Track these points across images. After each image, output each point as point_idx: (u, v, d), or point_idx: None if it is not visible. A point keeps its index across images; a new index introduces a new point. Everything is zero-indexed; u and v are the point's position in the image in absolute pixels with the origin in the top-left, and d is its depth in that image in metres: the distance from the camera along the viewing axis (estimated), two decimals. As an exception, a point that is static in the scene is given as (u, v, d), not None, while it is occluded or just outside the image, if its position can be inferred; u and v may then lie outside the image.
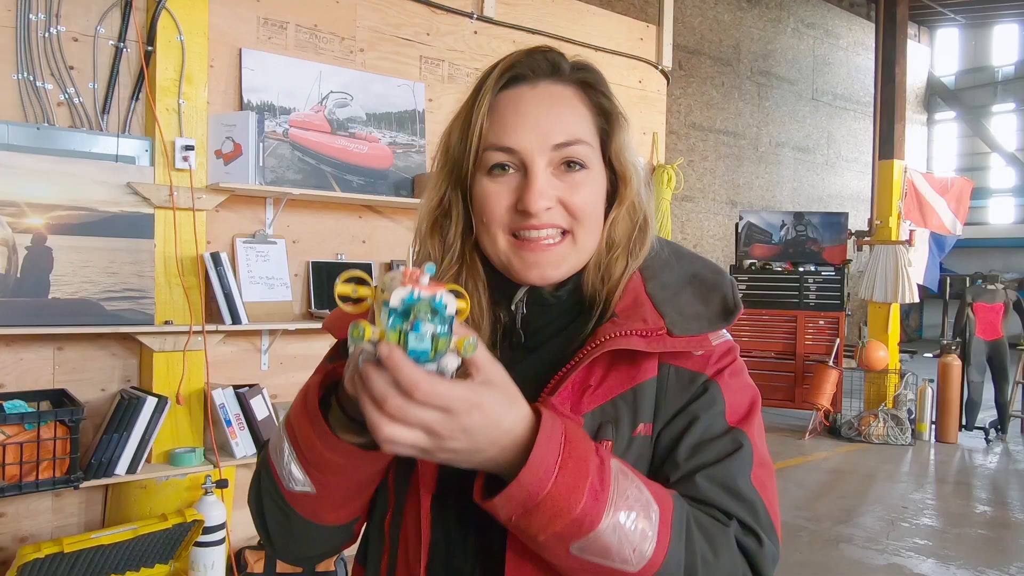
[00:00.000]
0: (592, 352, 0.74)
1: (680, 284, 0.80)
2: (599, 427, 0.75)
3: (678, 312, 0.77)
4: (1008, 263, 14.07)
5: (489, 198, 0.77)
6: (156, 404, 2.61)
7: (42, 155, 2.53)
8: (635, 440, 0.76)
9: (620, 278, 0.80)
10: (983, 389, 6.72)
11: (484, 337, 0.80)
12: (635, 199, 0.82)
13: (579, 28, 4.19)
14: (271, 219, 3.12)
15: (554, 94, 0.79)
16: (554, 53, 0.81)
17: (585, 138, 0.78)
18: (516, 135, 0.76)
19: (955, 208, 7.62)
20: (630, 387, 0.76)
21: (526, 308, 0.80)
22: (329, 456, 0.72)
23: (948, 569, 3.77)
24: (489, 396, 0.61)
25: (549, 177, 0.76)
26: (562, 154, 0.77)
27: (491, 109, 0.78)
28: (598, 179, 0.80)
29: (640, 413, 0.76)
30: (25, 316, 2.47)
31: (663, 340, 0.75)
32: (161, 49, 2.76)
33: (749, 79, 11.36)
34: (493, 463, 0.64)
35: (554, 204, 0.76)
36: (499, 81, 0.78)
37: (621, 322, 0.76)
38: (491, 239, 0.78)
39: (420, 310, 0.57)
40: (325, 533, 0.82)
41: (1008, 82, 16.67)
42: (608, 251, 0.81)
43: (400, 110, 3.47)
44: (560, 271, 0.78)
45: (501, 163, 0.77)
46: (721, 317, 0.79)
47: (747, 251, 7.47)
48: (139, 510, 2.66)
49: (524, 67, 0.79)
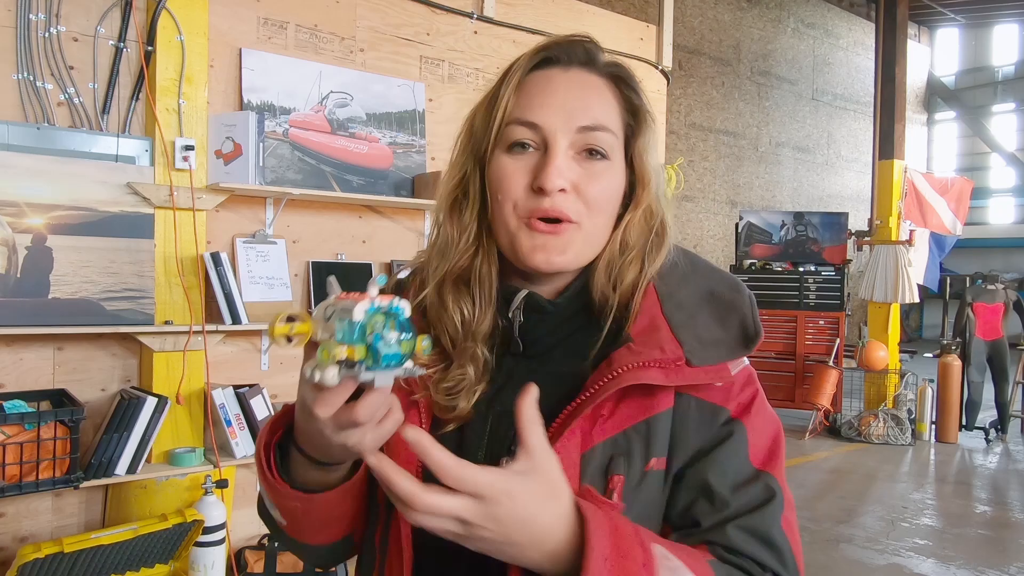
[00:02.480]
0: (609, 386, 0.70)
1: (697, 304, 0.76)
2: (610, 459, 0.71)
3: (696, 339, 0.73)
4: (1008, 263, 14.07)
5: (506, 175, 0.75)
6: (156, 404, 2.61)
7: (42, 155, 2.53)
8: (648, 475, 0.72)
9: (633, 284, 0.77)
10: (983, 389, 6.72)
11: (484, 337, 0.78)
12: (653, 203, 0.79)
13: (579, 28, 4.10)
14: (271, 219, 3.12)
15: (585, 80, 0.77)
16: (592, 44, 0.79)
17: (611, 127, 0.76)
18: (542, 112, 0.74)
19: (955, 208, 7.62)
20: (643, 419, 0.72)
21: (523, 315, 0.77)
22: (292, 504, 0.74)
23: (948, 569, 3.77)
24: (524, 486, 0.59)
25: (569, 160, 0.74)
26: (586, 139, 0.74)
27: (519, 87, 0.76)
28: (617, 174, 0.77)
29: (653, 447, 0.72)
30: (25, 316, 2.47)
31: (681, 372, 0.71)
32: (161, 49, 2.76)
33: (749, 79, 11.36)
34: (534, 564, 0.62)
35: (569, 189, 0.73)
36: (532, 60, 0.77)
37: (638, 350, 0.72)
38: (502, 219, 0.75)
39: (379, 320, 0.59)
40: (316, 551, 0.84)
41: (1008, 82, 16.67)
42: (621, 254, 0.77)
43: (400, 110, 3.47)
44: (565, 258, 0.74)
45: (522, 141, 0.74)
46: (742, 344, 0.75)
47: (747, 251, 7.47)
48: (139, 510, 2.66)
49: (559, 51, 0.78)
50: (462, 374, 0.76)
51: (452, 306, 0.78)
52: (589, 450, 0.71)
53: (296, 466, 0.75)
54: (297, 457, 0.74)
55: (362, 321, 0.58)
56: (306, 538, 0.81)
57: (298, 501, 0.74)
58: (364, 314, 0.58)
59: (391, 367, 0.59)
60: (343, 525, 0.81)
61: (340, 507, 0.77)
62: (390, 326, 0.59)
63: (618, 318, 0.77)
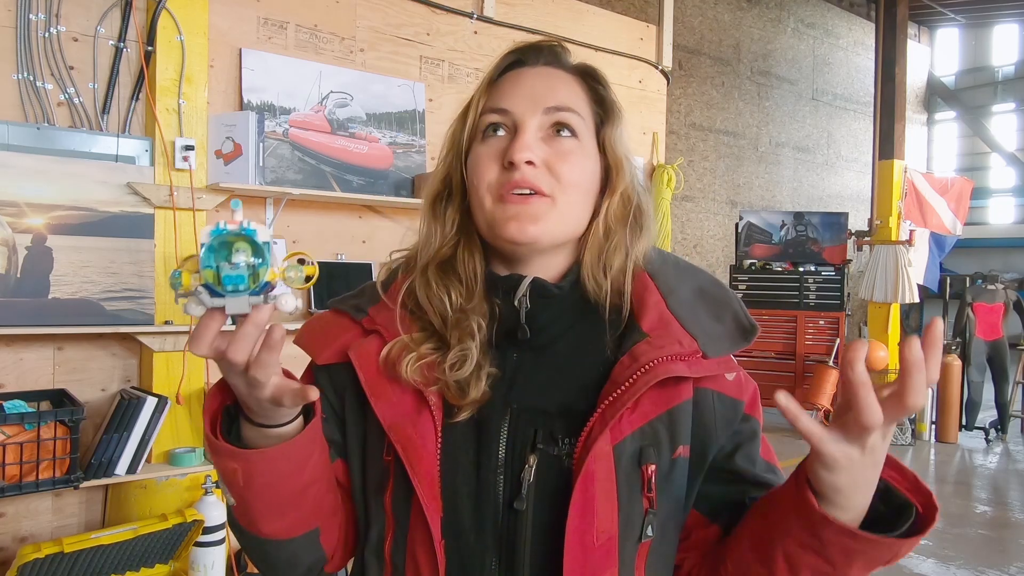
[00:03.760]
0: (644, 379, 0.73)
1: (693, 300, 0.80)
2: (640, 450, 0.74)
3: (704, 332, 0.77)
4: (1008, 263, 14.06)
5: (480, 160, 0.78)
6: (156, 404, 2.61)
7: (42, 155, 2.53)
8: (676, 462, 0.77)
9: (621, 270, 0.79)
10: (983, 389, 6.72)
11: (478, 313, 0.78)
12: (628, 189, 0.81)
13: (579, 28, 4.19)
14: (271, 219, 3.11)
15: (552, 73, 0.81)
16: (559, 47, 0.83)
17: (577, 110, 0.79)
18: (511, 99, 0.78)
19: (955, 208, 7.62)
20: (666, 409, 0.76)
21: (530, 301, 0.78)
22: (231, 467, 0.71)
23: (948, 569, 3.77)
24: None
25: (537, 139, 0.77)
26: (553, 118, 0.78)
27: (491, 85, 0.80)
28: (588, 155, 0.79)
29: (678, 436, 0.76)
30: (25, 316, 2.47)
31: (701, 364, 0.76)
32: (161, 49, 2.76)
33: (749, 79, 11.35)
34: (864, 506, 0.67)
35: (539, 163, 0.76)
36: (502, 63, 0.81)
37: (659, 344, 0.75)
38: (479, 201, 0.78)
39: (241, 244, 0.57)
40: (272, 547, 0.78)
41: (1008, 82, 16.66)
42: (606, 240, 0.80)
43: (400, 110, 3.47)
44: (538, 227, 0.75)
45: (494, 124, 0.78)
46: (741, 337, 0.79)
47: (747, 251, 7.47)
48: (139, 510, 2.66)
49: (527, 54, 0.82)
50: (463, 349, 0.76)
51: (438, 287, 0.79)
52: (620, 442, 0.73)
53: (244, 430, 0.72)
54: (243, 421, 0.72)
55: (208, 243, 0.56)
56: (260, 525, 0.76)
57: (236, 461, 0.70)
58: (208, 236, 0.56)
59: (239, 292, 0.57)
60: (300, 512, 0.77)
61: (286, 475, 0.72)
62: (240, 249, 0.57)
63: (616, 306, 0.79)
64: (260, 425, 0.70)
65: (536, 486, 0.73)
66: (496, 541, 0.73)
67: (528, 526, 0.73)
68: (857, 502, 0.64)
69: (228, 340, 0.62)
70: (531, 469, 0.74)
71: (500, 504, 0.74)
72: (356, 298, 0.85)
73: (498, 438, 0.75)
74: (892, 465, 0.67)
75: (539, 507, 0.73)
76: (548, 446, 0.74)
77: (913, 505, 0.66)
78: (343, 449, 0.83)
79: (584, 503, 0.71)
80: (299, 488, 0.75)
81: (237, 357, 0.62)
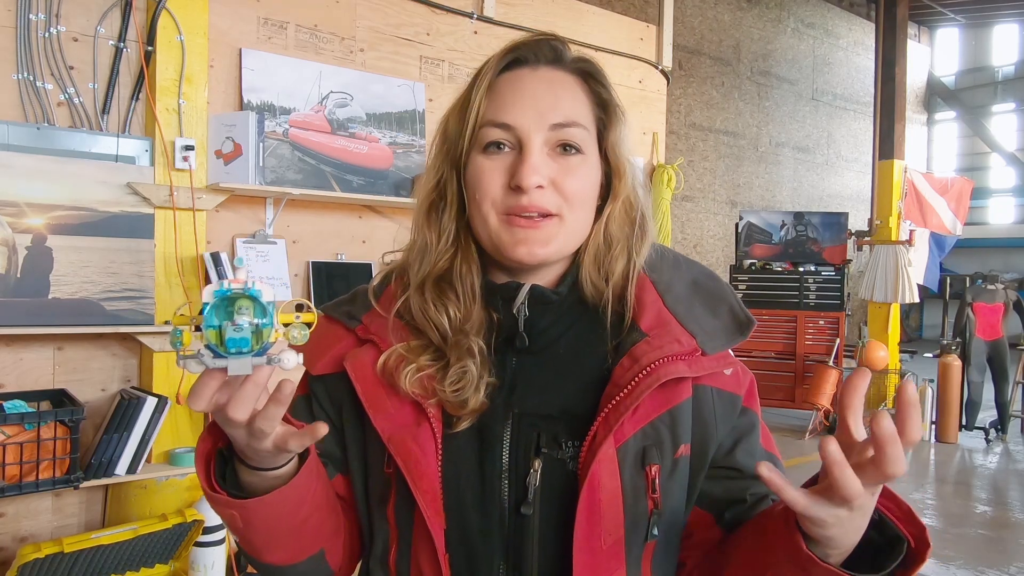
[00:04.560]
0: (646, 382, 0.72)
1: (689, 296, 0.79)
2: (644, 450, 0.74)
3: (702, 330, 0.77)
4: (1008, 263, 14.06)
5: (483, 175, 0.75)
6: (156, 404, 2.61)
7: (42, 155, 2.53)
8: (678, 462, 0.76)
9: (624, 276, 0.79)
10: (983, 389, 6.71)
11: (477, 330, 0.77)
12: (630, 194, 0.80)
13: (579, 28, 4.19)
14: (271, 219, 3.11)
15: (554, 78, 0.78)
16: (557, 42, 0.80)
17: (582, 122, 0.77)
18: (513, 112, 0.75)
19: (955, 208, 7.62)
20: (667, 409, 0.75)
21: (528, 309, 0.77)
22: (228, 513, 0.71)
23: (948, 569, 3.77)
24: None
25: (544, 156, 0.75)
26: (558, 135, 0.75)
27: (490, 88, 0.77)
28: (592, 167, 0.78)
29: (679, 435, 0.76)
30: (25, 316, 2.47)
31: (700, 362, 0.75)
32: (161, 49, 2.76)
33: (749, 79, 11.36)
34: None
35: (547, 184, 0.74)
36: (500, 63, 0.78)
37: (658, 344, 0.75)
38: (482, 218, 0.76)
39: (244, 304, 0.56)
40: (281, 572, 0.79)
41: (1008, 82, 16.66)
42: (607, 246, 0.79)
43: (400, 110, 3.47)
44: (548, 249, 0.75)
45: (497, 141, 0.75)
46: (737, 331, 0.78)
47: (747, 251, 7.47)
48: (139, 510, 2.66)
49: (526, 51, 0.78)
50: (462, 367, 0.75)
51: (436, 306, 0.78)
52: (623, 444, 0.73)
53: (240, 474, 0.72)
54: (238, 464, 0.71)
55: (210, 303, 0.56)
56: (262, 555, 0.77)
57: (234, 509, 0.70)
58: (212, 295, 0.56)
59: (243, 353, 0.56)
60: (302, 541, 0.77)
61: (286, 514, 0.73)
62: (243, 308, 0.56)
63: (617, 310, 0.78)
64: (258, 469, 0.70)
65: (542, 490, 0.73)
66: (503, 546, 0.73)
67: (535, 530, 0.73)
68: (847, 543, 0.64)
69: (227, 394, 0.62)
70: (537, 474, 0.73)
71: (506, 509, 0.74)
72: (349, 304, 0.84)
73: (501, 443, 0.75)
74: (888, 495, 0.66)
75: (545, 511, 0.73)
76: (552, 450, 0.74)
77: (905, 540, 0.65)
78: (342, 463, 0.82)
79: (591, 506, 0.71)
80: (299, 522, 0.75)
81: (238, 416, 0.62)
